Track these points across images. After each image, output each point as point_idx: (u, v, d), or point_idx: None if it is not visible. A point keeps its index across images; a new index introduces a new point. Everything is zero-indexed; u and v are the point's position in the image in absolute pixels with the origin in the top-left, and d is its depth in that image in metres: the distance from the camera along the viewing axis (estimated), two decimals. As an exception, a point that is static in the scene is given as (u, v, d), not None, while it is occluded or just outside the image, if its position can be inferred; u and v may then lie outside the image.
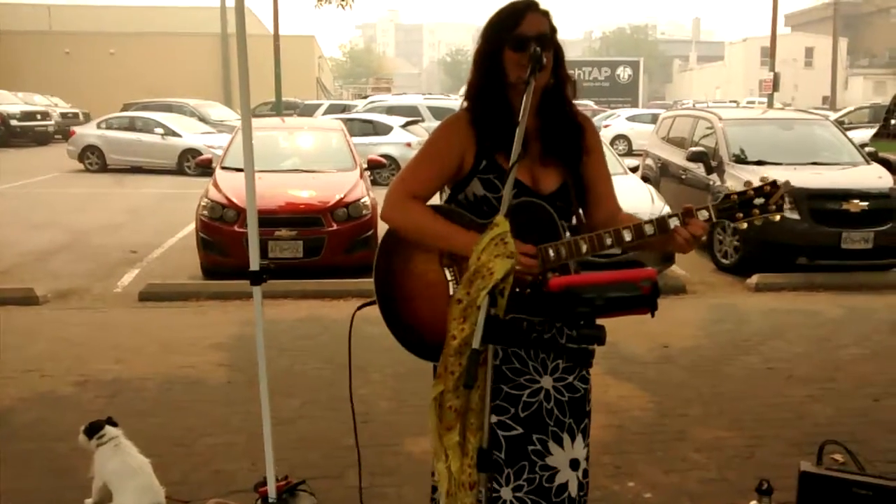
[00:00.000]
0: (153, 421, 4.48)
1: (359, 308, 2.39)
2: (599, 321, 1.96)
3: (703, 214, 2.14)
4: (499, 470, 2.27)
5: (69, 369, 5.33)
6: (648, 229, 2.13)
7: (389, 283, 2.26)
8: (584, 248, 2.13)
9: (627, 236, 2.13)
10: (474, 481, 2.07)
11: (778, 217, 2.14)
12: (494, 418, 2.24)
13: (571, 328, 2.00)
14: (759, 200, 2.14)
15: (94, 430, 3.47)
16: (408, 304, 2.24)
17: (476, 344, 1.89)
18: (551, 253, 2.13)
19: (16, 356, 5.55)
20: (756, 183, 2.16)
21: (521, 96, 2.13)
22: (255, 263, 3.27)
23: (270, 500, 3.37)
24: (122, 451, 3.43)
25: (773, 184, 2.15)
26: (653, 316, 2.00)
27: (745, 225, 2.17)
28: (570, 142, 2.29)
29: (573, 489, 2.29)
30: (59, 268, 8.67)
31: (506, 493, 2.27)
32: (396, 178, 2.33)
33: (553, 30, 2.24)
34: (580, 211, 2.35)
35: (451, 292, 2.17)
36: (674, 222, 2.13)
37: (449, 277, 2.20)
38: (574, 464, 2.30)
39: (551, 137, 2.26)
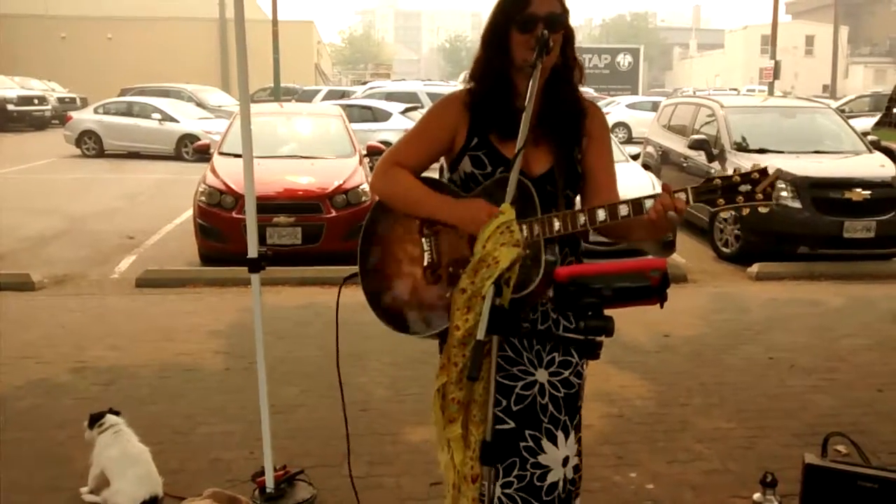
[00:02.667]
0: (150, 409, 4.44)
1: (346, 279, 2.42)
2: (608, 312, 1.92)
3: (681, 196, 2.05)
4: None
5: (65, 356, 5.29)
6: (623, 209, 2.06)
7: (369, 252, 2.29)
8: (557, 225, 2.07)
9: (601, 215, 2.06)
10: (477, 474, 2.03)
11: (765, 209, 2.02)
12: None
13: (578, 319, 1.95)
14: (745, 188, 2.02)
15: (95, 419, 3.44)
16: (385, 272, 2.25)
17: (481, 335, 1.84)
18: (524, 229, 2.07)
19: (11, 342, 5.50)
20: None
21: (526, 78, 2.08)
22: (253, 250, 3.23)
23: (268, 490, 3.34)
24: (122, 439, 3.42)
25: (763, 171, 2.03)
26: (661, 307, 1.95)
27: (728, 213, 2.12)
28: (567, 124, 2.23)
29: (562, 487, 2.25)
30: (55, 253, 8.61)
31: (494, 489, 2.21)
32: (387, 150, 2.37)
33: (565, 10, 2.18)
34: (576, 199, 2.30)
35: (426, 263, 2.18)
36: (649, 203, 2.05)
37: (425, 247, 2.20)
38: (565, 461, 2.25)
39: (548, 117, 2.20)
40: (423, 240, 2.20)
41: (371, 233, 2.30)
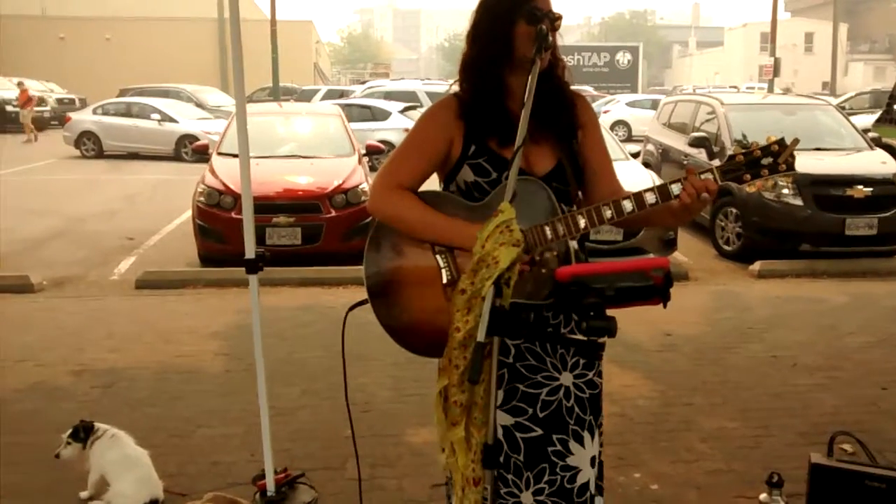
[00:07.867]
0: (150, 411, 4.42)
1: (350, 308, 2.27)
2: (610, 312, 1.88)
3: (707, 177, 2.03)
4: (518, 473, 2.18)
5: (64, 358, 5.26)
6: (650, 197, 2.01)
7: (379, 278, 2.16)
8: (583, 222, 2.02)
9: (629, 206, 2.01)
10: (479, 477, 2.00)
11: (788, 179, 2.07)
12: (511, 420, 2.17)
13: (580, 319, 1.92)
14: (766, 160, 2.05)
15: (86, 431, 3.40)
16: (399, 297, 2.13)
17: (481, 336, 1.80)
18: (548, 231, 2.01)
19: (10, 345, 5.48)
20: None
21: (519, 77, 2.05)
22: (250, 251, 3.20)
23: (269, 494, 3.31)
24: (121, 443, 3.40)
25: (781, 141, 2.05)
26: (665, 307, 1.92)
27: (753, 188, 2.11)
28: (562, 117, 2.20)
29: (592, 487, 2.22)
30: (54, 255, 8.58)
31: (526, 497, 2.17)
32: (382, 167, 2.23)
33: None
34: (580, 193, 2.25)
35: (445, 279, 2.07)
36: (676, 188, 2.02)
37: (441, 264, 2.09)
38: (593, 461, 2.23)
39: (544, 114, 2.14)
40: (438, 256, 2.09)
41: (377, 252, 2.16)
